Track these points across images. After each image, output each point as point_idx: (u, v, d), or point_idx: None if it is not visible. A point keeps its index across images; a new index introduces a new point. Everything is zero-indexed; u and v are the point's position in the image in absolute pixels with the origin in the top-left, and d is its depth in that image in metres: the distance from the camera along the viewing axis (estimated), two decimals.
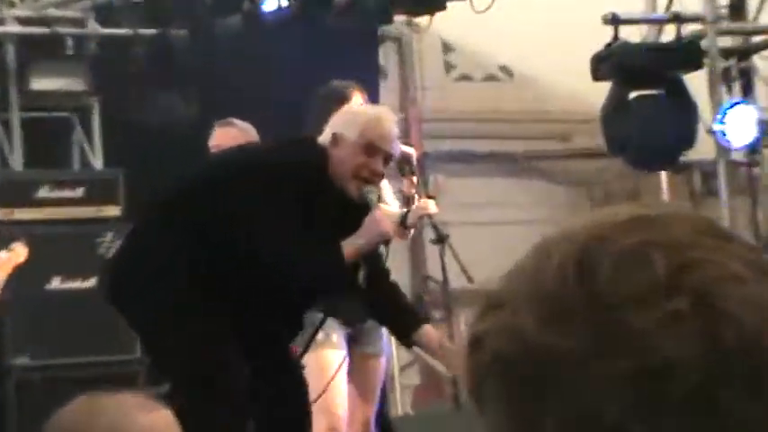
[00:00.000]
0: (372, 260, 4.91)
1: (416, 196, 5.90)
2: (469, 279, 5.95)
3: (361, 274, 4.85)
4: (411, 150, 6.07)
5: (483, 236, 9.69)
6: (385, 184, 5.77)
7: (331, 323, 5.68)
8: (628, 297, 0.90)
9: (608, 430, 0.89)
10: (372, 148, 4.82)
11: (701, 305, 0.89)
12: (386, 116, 5.10)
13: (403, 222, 5.78)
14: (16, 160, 9.26)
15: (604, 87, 7.96)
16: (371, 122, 4.91)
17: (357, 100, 5.81)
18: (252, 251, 4.71)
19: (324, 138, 4.90)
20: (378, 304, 5.10)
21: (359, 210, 4.82)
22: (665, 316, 0.89)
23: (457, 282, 6.09)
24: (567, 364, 0.91)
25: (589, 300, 0.91)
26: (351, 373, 5.85)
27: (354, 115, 5.06)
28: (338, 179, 4.83)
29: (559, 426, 0.91)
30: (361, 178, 4.83)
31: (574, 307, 0.91)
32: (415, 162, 6.03)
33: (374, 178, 4.89)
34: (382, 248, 5.12)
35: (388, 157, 4.91)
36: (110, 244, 8.19)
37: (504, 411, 0.93)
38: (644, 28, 8.34)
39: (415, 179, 5.96)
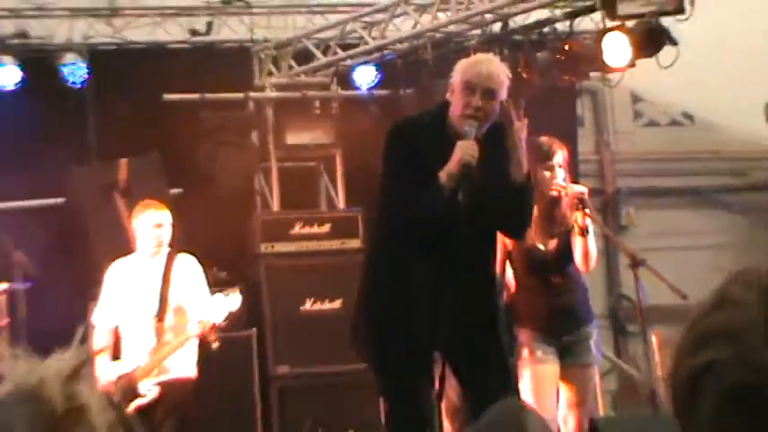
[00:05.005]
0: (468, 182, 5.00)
1: (591, 226, 6.00)
2: (683, 296, 5.88)
3: (460, 194, 5.02)
4: (583, 189, 6.11)
5: (671, 261, 8.86)
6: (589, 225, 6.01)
7: (534, 341, 6.02)
8: None
9: None
10: (470, 85, 5.00)
11: None
12: (483, 58, 5.25)
13: (582, 231, 5.94)
14: (275, 202, 9.84)
15: None
16: (469, 65, 5.11)
17: (559, 157, 6.01)
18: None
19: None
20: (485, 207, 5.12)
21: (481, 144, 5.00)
22: None
23: (649, 299, 6.13)
24: None
25: None
26: (563, 382, 6.03)
27: (458, 64, 5.20)
28: (454, 120, 5.05)
29: None
30: (468, 116, 4.99)
31: None
32: (586, 197, 6.02)
33: (477, 113, 5.00)
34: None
35: (487, 92, 5.01)
36: None
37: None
38: None
39: (588, 211, 5.98)
